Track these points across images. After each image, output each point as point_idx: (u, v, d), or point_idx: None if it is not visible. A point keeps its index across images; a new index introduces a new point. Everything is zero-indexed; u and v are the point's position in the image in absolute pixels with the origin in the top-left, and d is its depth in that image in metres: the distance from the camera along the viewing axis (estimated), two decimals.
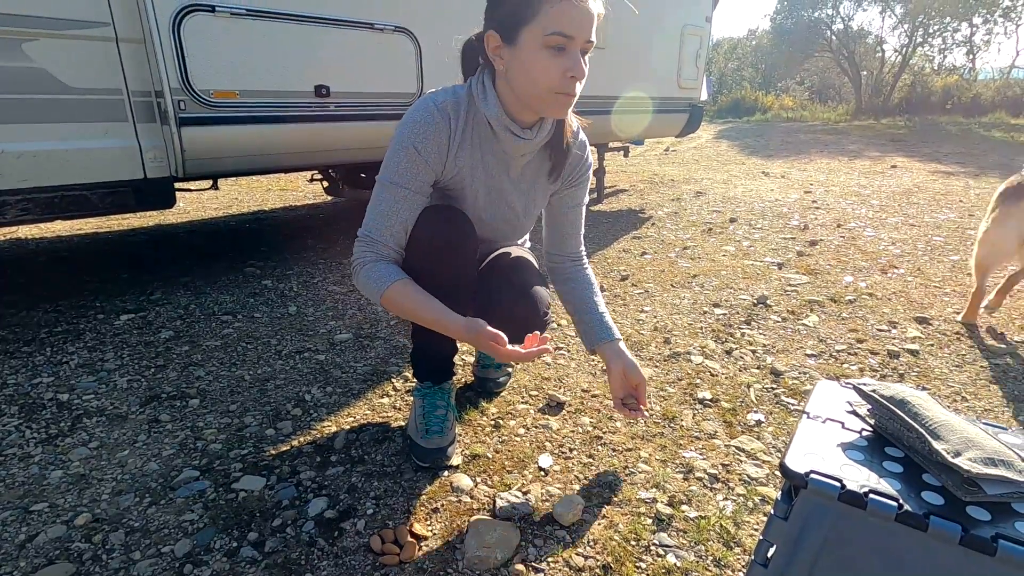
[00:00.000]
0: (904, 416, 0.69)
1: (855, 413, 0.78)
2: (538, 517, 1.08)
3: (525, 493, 1.14)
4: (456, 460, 1.23)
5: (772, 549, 0.69)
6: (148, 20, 1.77)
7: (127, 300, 2.18)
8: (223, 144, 2.05)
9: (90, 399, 1.48)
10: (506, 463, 1.24)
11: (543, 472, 1.21)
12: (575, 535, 1.04)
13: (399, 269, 1.04)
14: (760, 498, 1.14)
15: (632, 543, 1.02)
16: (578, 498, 1.10)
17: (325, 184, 3.46)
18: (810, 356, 1.77)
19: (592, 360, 1.72)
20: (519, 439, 1.33)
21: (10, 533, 1.02)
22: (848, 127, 10.87)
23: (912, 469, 0.66)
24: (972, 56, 14.51)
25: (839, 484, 0.63)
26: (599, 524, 1.06)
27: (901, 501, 0.60)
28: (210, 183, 2.78)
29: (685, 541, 1.02)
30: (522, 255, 1.27)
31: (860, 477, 0.64)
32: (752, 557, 0.72)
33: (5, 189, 1.71)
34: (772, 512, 0.69)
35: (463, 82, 1.10)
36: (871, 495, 0.61)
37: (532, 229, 1.32)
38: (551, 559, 0.98)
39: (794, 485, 0.67)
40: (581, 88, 0.97)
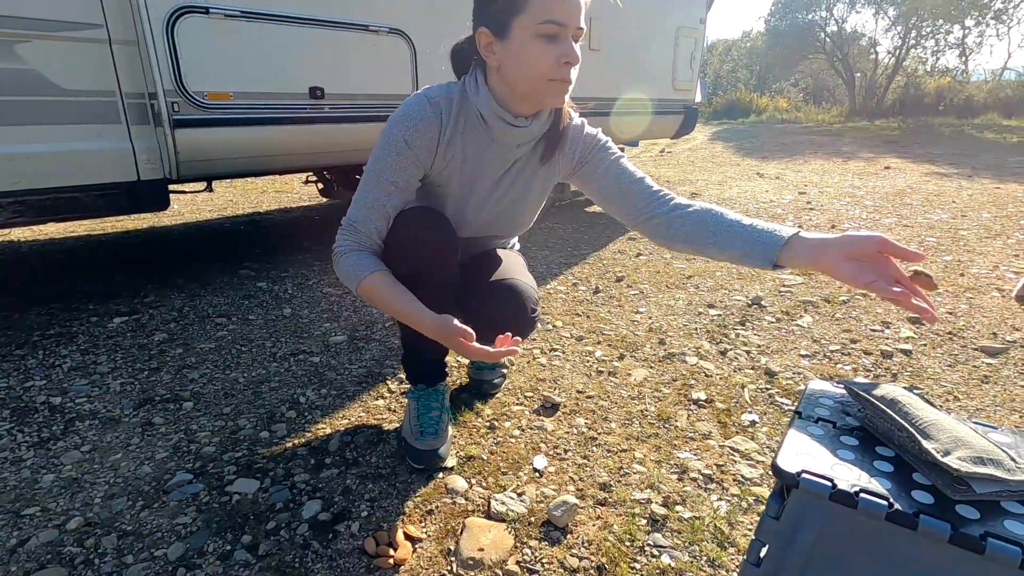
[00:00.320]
0: (894, 415, 0.69)
1: (847, 412, 0.78)
2: (533, 518, 1.08)
3: (520, 494, 1.14)
4: (451, 462, 1.23)
5: (764, 549, 0.69)
6: (141, 22, 1.77)
7: (120, 303, 2.17)
8: (217, 146, 2.04)
9: (83, 402, 1.47)
10: (501, 464, 1.24)
11: (538, 473, 1.21)
12: (570, 536, 1.04)
13: (379, 260, 1.05)
14: (754, 498, 1.14)
15: (627, 544, 1.02)
16: (573, 499, 1.10)
17: (320, 186, 3.45)
18: (804, 356, 1.78)
19: (587, 361, 1.73)
20: (514, 440, 1.33)
21: (1, 538, 1.01)
22: (842, 128, 10.93)
23: (903, 468, 0.66)
24: (965, 58, 14.63)
25: (830, 483, 0.63)
26: (594, 525, 1.07)
27: (891, 500, 0.60)
28: (204, 185, 2.78)
29: (679, 541, 1.03)
30: (509, 254, 1.27)
31: (851, 476, 0.64)
32: (745, 557, 0.72)
33: None
34: (764, 512, 0.70)
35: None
36: (862, 494, 0.61)
37: (532, 230, 1.31)
38: (546, 560, 0.98)
39: (786, 485, 0.67)
40: (575, 74, 0.98)
